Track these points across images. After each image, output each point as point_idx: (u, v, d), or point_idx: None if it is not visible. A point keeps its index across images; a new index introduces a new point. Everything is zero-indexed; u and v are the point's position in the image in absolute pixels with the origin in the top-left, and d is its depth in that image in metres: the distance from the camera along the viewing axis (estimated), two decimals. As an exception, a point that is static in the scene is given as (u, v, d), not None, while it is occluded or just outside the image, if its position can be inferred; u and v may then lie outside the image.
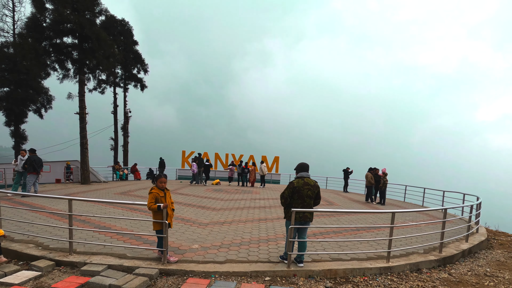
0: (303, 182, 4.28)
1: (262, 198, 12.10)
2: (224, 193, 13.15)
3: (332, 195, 15.16)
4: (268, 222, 7.54)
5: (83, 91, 15.13)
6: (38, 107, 21.91)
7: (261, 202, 10.89)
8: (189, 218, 7.50)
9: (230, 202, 10.37)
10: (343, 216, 8.84)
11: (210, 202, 10.24)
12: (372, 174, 13.10)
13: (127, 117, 21.89)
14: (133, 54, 21.20)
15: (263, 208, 9.47)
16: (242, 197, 11.94)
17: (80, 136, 15.27)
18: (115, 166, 19.30)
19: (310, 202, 4.34)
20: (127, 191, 12.33)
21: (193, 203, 9.89)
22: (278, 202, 10.89)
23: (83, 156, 15.33)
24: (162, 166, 20.76)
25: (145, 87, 22.72)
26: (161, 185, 4.42)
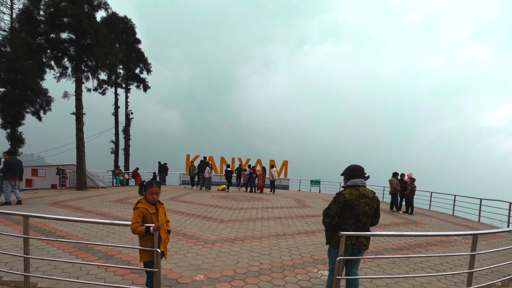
0: (358, 194, 2.97)
1: (274, 206, 10.77)
2: (231, 200, 11.86)
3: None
4: (288, 238, 6.21)
5: (80, 89, 14.07)
6: (37, 108, 21.00)
7: (275, 211, 9.56)
8: (192, 233, 6.21)
9: (239, 212, 9.06)
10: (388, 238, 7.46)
11: (217, 212, 8.95)
12: (397, 180, 11.70)
13: (128, 119, 20.82)
14: (136, 53, 20.20)
15: (278, 220, 8.14)
16: (253, 206, 10.63)
17: (76, 138, 14.16)
18: (115, 170, 18.17)
19: (367, 223, 3.03)
20: (125, 198, 11.11)
21: (198, 212, 8.60)
22: (294, 212, 9.55)
23: (79, 160, 14.20)
24: (163, 171, 19.58)
25: (148, 88, 21.67)
26: (152, 198, 3.13)
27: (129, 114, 20.79)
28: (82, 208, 8.66)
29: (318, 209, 10.77)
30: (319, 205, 11.86)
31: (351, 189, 3.01)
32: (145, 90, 21.57)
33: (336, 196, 3.04)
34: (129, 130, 20.82)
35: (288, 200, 13.31)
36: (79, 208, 8.74)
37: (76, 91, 13.98)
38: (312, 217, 8.93)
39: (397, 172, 11.98)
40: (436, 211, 13.35)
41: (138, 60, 20.47)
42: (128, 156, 20.92)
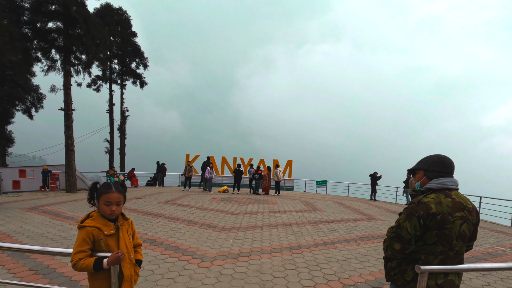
0: (452, 203, 1.76)
1: (282, 210, 9.61)
2: (234, 203, 10.71)
3: (364, 206, 12.57)
4: (305, 252, 5.05)
5: (69, 83, 12.97)
6: (28, 106, 19.96)
7: (283, 216, 8.40)
8: (186, 246, 5.06)
9: (243, 218, 7.91)
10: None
11: (218, 217, 7.79)
12: (418, 180, 10.51)
13: (124, 116, 19.70)
14: (132, 47, 19.10)
15: (289, 227, 6.98)
16: (258, 209, 9.48)
17: (65, 136, 13.06)
18: (109, 171, 17.05)
19: (462, 250, 1.84)
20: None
21: (195, 218, 7.45)
22: (304, 216, 8.39)
23: (68, 160, 13.09)
24: (161, 171, 18.47)
25: (145, 84, 20.55)
26: (109, 210, 1.90)
27: (125, 112, 19.67)
28: (62, 214, 7.53)
29: (330, 213, 9.61)
30: (331, 209, 10.69)
31: (439, 194, 1.82)
32: (142, 86, 20.46)
33: (412, 207, 1.81)
34: (125, 129, 19.71)
35: (296, 202, 12.15)
36: (59, 213, 7.62)
37: (65, 85, 12.89)
38: (327, 223, 7.77)
39: (417, 171, 10.79)
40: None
41: (134, 54, 19.38)
42: (124, 156, 19.81)
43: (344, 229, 7.09)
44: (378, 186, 16.61)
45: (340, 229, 7.01)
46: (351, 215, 9.44)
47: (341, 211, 10.14)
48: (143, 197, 11.63)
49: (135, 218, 7.23)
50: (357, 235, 6.52)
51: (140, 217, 7.34)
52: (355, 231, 6.93)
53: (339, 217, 8.86)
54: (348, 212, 10.00)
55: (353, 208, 11.31)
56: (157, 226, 6.44)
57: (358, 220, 8.56)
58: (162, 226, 6.47)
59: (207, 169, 14.68)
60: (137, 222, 6.72)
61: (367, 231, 6.96)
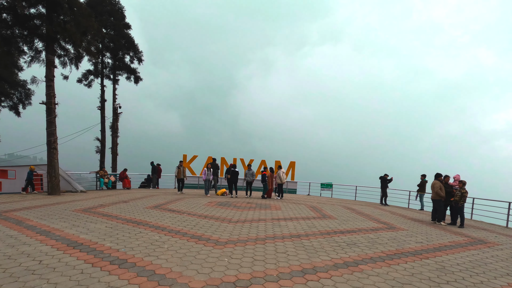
0: None
1: (287, 217, 8.36)
2: (232, 209, 9.47)
3: (377, 211, 11.32)
4: (324, 279, 3.80)
5: (51, 74, 11.78)
6: (15, 103, 18.79)
7: (290, 225, 7.16)
8: (166, 270, 3.82)
9: (242, 227, 6.66)
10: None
11: (212, 227, 6.55)
12: (441, 183, 9.27)
13: (116, 113, 18.49)
14: (125, 40, 17.92)
15: (297, 240, 5.73)
16: (259, 216, 8.23)
17: (46, 132, 11.85)
18: (99, 172, 15.83)
19: None
20: (96, 206, 8.75)
21: (185, 228, 6.21)
22: (314, 225, 7.14)
23: (51, 159, 11.88)
24: (155, 172, 17.25)
25: (139, 80, 19.36)
26: None
27: (117, 108, 18.46)
28: (25, 222, 6.29)
29: (343, 220, 8.36)
30: (342, 215, 9.44)
31: None
32: (137, 82, 19.27)
33: None
34: (117, 126, 18.49)
35: (301, 207, 10.90)
36: (21, 221, 6.38)
37: (47, 76, 11.70)
38: (342, 234, 6.52)
39: (440, 173, 9.54)
40: (485, 221, 10.92)
41: (128, 48, 18.20)
42: (116, 156, 18.58)
43: (365, 242, 5.84)
44: (389, 189, 15.38)
45: (360, 243, 5.76)
46: (367, 223, 8.19)
47: (354, 218, 8.89)
48: (131, 201, 10.40)
49: (112, 227, 5.99)
50: (383, 251, 5.27)
51: (119, 226, 6.11)
52: (378, 245, 5.68)
53: (354, 225, 7.61)
54: (363, 220, 8.74)
55: (366, 215, 10.06)
56: (135, 239, 5.21)
57: (377, 229, 7.31)
58: (142, 238, 5.24)
59: (203, 170, 13.47)
60: (112, 234, 5.48)
61: (392, 246, 5.70)
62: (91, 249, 4.49)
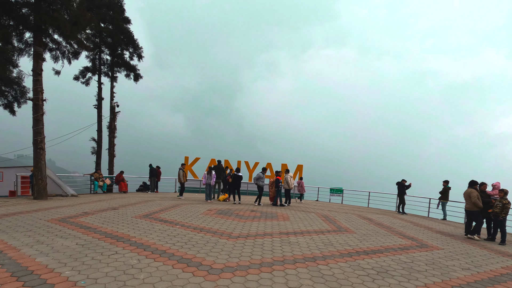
0: None
1: (297, 230, 7.14)
2: (233, 218, 8.29)
3: (397, 222, 10.02)
4: None
5: (39, 68, 10.83)
6: (10, 101, 17.96)
7: (301, 242, 5.94)
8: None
9: (244, 245, 5.47)
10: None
11: (207, 244, 5.37)
12: (478, 192, 7.96)
13: (114, 112, 17.52)
14: (124, 35, 16.99)
15: (313, 264, 4.52)
16: (264, 229, 7.03)
17: (33, 131, 10.87)
18: (94, 174, 14.83)
19: None
20: (79, 215, 7.66)
21: (173, 247, 5.05)
22: (330, 242, 5.91)
23: (37, 160, 10.89)
24: (154, 175, 16.21)
25: (139, 77, 18.40)
26: None
27: (115, 107, 17.50)
28: (-19, 237, 5.22)
29: (362, 235, 7.11)
30: (360, 227, 8.19)
31: None
32: (136, 79, 18.31)
33: None
34: (115, 126, 17.53)
35: (312, 217, 9.67)
36: (-22, 235, 5.31)
37: (34, 70, 10.75)
38: (366, 255, 5.28)
39: (475, 180, 8.22)
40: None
41: (127, 43, 17.26)
42: (113, 158, 17.58)
43: (398, 269, 4.60)
44: (410, 200, 14.10)
45: (392, 270, 4.52)
46: (392, 239, 6.92)
47: (374, 232, 7.63)
48: (121, 208, 9.31)
49: (83, 245, 4.87)
50: (426, 284, 4.03)
51: (93, 244, 4.98)
52: (417, 273, 4.44)
53: (377, 242, 6.36)
54: (385, 234, 7.48)
55: (386, 227, 8.79)
56: (106, 264, 4.07)
57: (407, 248, 6.04)
58: (115, 263, 4.09)
59: (203, 173, 12.35)
60: (79, 256, 4.35)
61: (436, 275, 4.45)
62: (39, 282, 3.35)
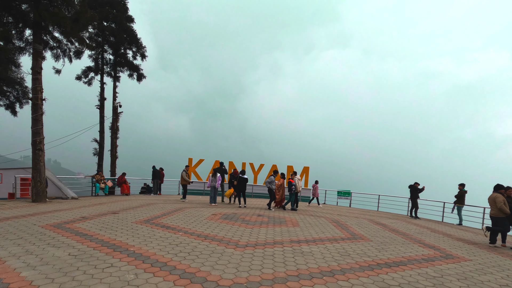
0: None
1: (309, 238, 6.62)
2: (240, 224, 7.79)
3: (413, 228, 9.45)
4: None
5: (38, 66, 10.48)
6: (11, 101, 17.71)
7: (315, 251, 5.42)
8: None
9: (253, 256, 4.97)
10: None
11: (212, 255, 4.88)
12: (504, 197, 7.37)
13: (116, 113, 17.16)
14: (127, 34, 16.65)
15: (332, 280, 4.00)
16: (274, 237, 6.52)
17: (32, 132, 10.51)
18: (95, 176, 14.45)
19: None
20: (76, 220, 7.23)
21: (174, 259, 4.57)
22: (347, 252, 5.37)
23: (36, 162, 10.52)
24: (158, 177, 15.81)
25: (143, 77, 18.04)
26: None
27: (117, 107, 17.15)
28: (-34, 245, 4.79)
29: (379, 243, 6.57)
30: (374, 234, 7.64)
31: None
32: (140, 79, 17.96)
33: None
34: (117, 127, 17.15)
35: (322, 222, 9.14)
36: (-37, 243, 4.89)
37: (33, 68, 10.40)
38: (388, 267, 4.74)
39: (501, 184, 7.63)
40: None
41: (130, 42, 16.91)
42: (115, 159, 17.20)
43: (429, 286, 4.06)
44: (424, 205, 13.54)
45: (423, 286, 3.99)
46: (412, 248, 6.37)
47: (392, 240, 7.08)
48: (122, 212, 8.87)
49: (76, 256, 4.41)
50: (466, 306, 3.49)
51: (87, 254, 4.52)
52: (452, 292, 3.90)
53: (397, 252, 5.81)
54: (404, 242, 6.92)
55: (403, 233, 8.23)
56: (99, 279, 3.59)
57: (432, 260, 5.49)
58: (109, 278, 3.62)
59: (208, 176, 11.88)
60: (70, 269, 3.88)
61: (473, 294, 3.90)
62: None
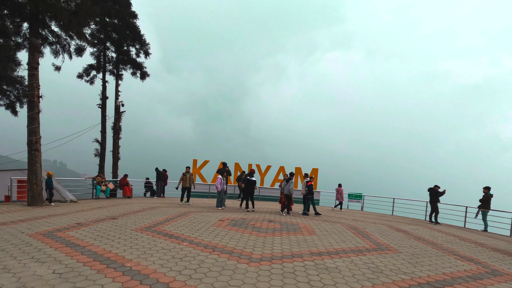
0: None
1: (330, 249, 5.84)
2: (250, 231, 7.03)
3: (439, 236, 8.61)
4: None
5: (35, 61, 9.88)
6: (12, 100, 17.25)
7: (341, 267, 4.64)
8: None
9: (270, 274, 4.20)
10: None
11: (222, 273, 4.13)
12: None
13: (118, 112, 16.55)
14: (130, 30, 16.05)
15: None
16: (290, 247, 5.75)
17: (27, 131, 9.90)
18: (96, 178, 13.82)
19: None
20: (70, 227, 6.54)
21: (180, 277, 3.83)
22: (378, 268, 4.57)
23: (32, 163, 9.90)
24: (162, 179, 15.15)
25: (146, 75, 17.42)
26: None
27: (119, 106, 16.54)
28: None
29: (409, 255, 5.77)
30: (402, 244, 6.82)
31: None
32: (143, 77, 17.34)
33: None
34: (120, 127, 16.54)
35: (339, 229, 8.34)
36: None
37: (29, 63, 9.80)
38: (435, 290, 3.95)
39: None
40: None
41: (134, 39, 16.31)
42: (117, 160, 16.57)
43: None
44: (444, 211, 12.70)
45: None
46: (449, 261, 5.55)
47: (422, 251, 6.26)
48: (122, 217, 8.18)
49: (61, 274, 3.70)
50: None
51: (75, 271, 3.81)
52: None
53: (436, 268, 5.00)
54: (437, 254, 6.11)
55: (430, 242, 7.42)
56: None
57: (479, 278, 4.68)
58: (97, 306, 2.89)
59: (218, 178, 11.10)
60: (50, 292, 3.17)
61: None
62: None
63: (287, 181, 10.95)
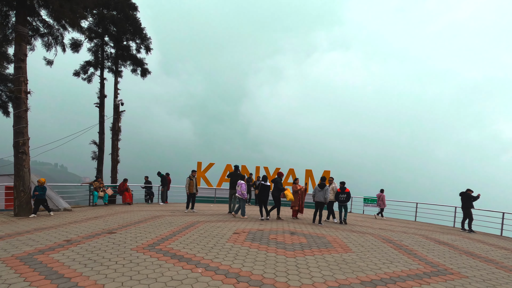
0: None
1: (382, 275, 4.64)
2: (273, 248, 5.83)
3: (487, 248, 7.41)
4: None
5: (22, 52, 8.74)
6: (4, 100, 16.16)
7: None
8: None
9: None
10: None
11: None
12: None
13: (118, 112, 15.40)
14: (130, 23, 14.94)
15: None
16: (332, 274, 4.56)
17: (13, 131, 8.74)
18: (94, 183, 12.64)
19: None
20: (58, 245, 5.36)
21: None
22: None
23: (18, 167, 8.73)
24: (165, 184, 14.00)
25: (147, 72, 16.28)
26: None
27: (119, 105, 15.39)
28: None
29: (478, 279, 4.58)
30: (454, 261, 5.63)
31: None
32: (144, 75, 16.21)
33: None
34: (119, 128, 15.38)
35: (374, 242, 7.14)
36: None
37: (16, 55, 8.66)
38: None
39: None
40: None
41: (134, 33, 15.19)
42: (116, 164, 15.40)
43: None
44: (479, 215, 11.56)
45: None
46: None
47: (488, 273, 5.07)
48: (121, 230, 7.00)
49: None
50: None
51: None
52: None
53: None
54: (509, 276, 4.92)
55: (486, 258, 6.24)
56: None
57: None
58: None
59: (241, 183, 9.86)
60: None
61: None
62: None
63: (321, 186, 9.88)
